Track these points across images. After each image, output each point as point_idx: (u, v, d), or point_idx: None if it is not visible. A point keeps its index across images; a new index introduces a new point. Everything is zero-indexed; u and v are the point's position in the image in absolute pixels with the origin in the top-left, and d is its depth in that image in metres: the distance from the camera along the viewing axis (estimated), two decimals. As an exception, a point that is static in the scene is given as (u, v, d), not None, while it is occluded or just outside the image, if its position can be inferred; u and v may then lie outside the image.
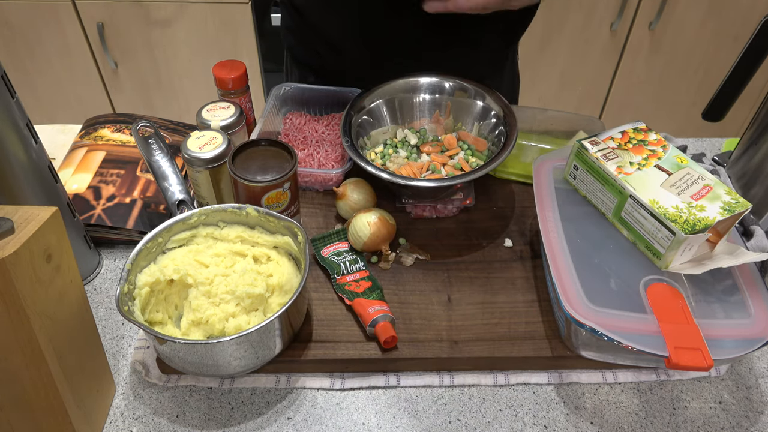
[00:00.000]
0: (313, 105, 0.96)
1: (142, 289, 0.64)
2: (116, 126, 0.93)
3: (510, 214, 0.84)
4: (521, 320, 0.70)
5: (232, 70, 0.87)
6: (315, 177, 0.85)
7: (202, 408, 0.65)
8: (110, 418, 0.64)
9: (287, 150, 0.74)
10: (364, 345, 0.67)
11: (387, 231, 0.75)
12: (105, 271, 0.79)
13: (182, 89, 1.96)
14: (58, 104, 1.99)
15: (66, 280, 0.55)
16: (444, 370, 0.68)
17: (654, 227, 0.65)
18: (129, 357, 0.69)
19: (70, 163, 0.86)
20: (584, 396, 0.66)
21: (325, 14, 0.92)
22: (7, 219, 0.49)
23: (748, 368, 0.69)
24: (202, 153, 0.74)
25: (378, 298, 0.70)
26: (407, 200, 0.83)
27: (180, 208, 0.76)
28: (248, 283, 0.65)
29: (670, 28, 1.84)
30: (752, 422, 0.64)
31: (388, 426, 0.64)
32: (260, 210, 0.69)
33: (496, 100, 0.85)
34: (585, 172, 0.73)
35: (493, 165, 0.76)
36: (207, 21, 1.79)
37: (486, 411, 0.65)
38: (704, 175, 0.69)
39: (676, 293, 0.64)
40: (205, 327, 0.64)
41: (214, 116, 0.83)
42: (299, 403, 0.66)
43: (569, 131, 0.89)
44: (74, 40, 1.82)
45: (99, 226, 0.79)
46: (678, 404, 0.66)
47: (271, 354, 0.64)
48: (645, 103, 2.03)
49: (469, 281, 0.75)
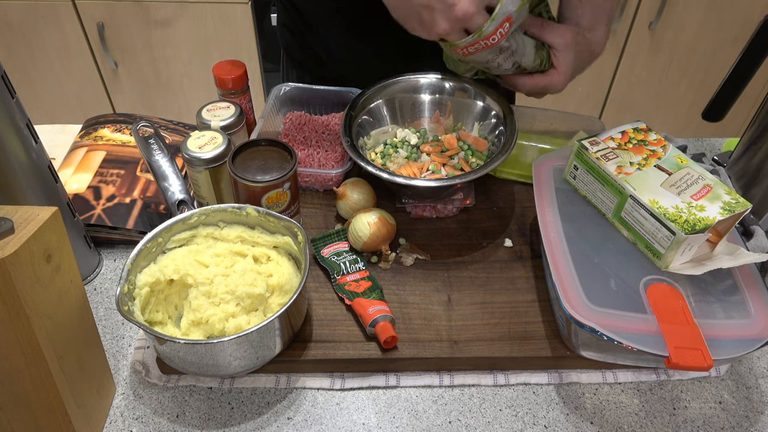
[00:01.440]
0: (313, 105, 0.96)
1: (142, 289, 0.64)
2: (116, 126, 0.93)
3: (510, 214, 0.84)
4: (521, 320, 0.70)
5: (232, 70, 0.87)
6: (315, 177, 0.85)
7: (202, 408, 0.65)
8: (110, 418, 0.64)
9: (287, 150, 0.74)
10: (364, 345, 0.67)
11: (387, 231, 0.75)
12: (105, 271, 0.79)
13: (182, 89, 1.96)
14: (58, 104, 1.99)
15: (66, 280, 0.55)
16: (444, 370, 0.68)
17: (654, 227, 0.65)
18: (129, 357, 0.69)
19: (70, 163, 0.86)
20: (584, 396, 0.66)
21: (323, 12, 0.92)
22: (7, 219, 0.49)
23: (748, 368, 0.69)
24: (202, 153, 0.74)
25: (378, 298, 0.70)
26: (407, 200, 0.83)
27: (180, 208, 0.76)
28: (248, 283, 0.65)
29: (670, 28, 1.84)
30: (752, 422, 0.64)
31: (388, 426, 0.64)
32: (260, 210, 0.69)
33: (497, 101, 0.85)
34: (585, 172, 0.73)
35: (494, 165, 0.76)
36: (207, 21, 1.79)
37: (486, 411, 0.65)
38: (704, 175, 0.69)
39: (676, 293, 0.64)
40: (205, 327, 0.64)
41: (214, 116, 0.83)
42: (299, 403, 0.66)
43: (569, 131, 0.89)
44: (74, 40, 1.82)
45: (99, 226, 0.79)
46: (678, 404, 0.66)
47: (271, 354, 0.64)
48: (645, 103, 2.03)
49: (469, 281, 0.75)
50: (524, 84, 0.77)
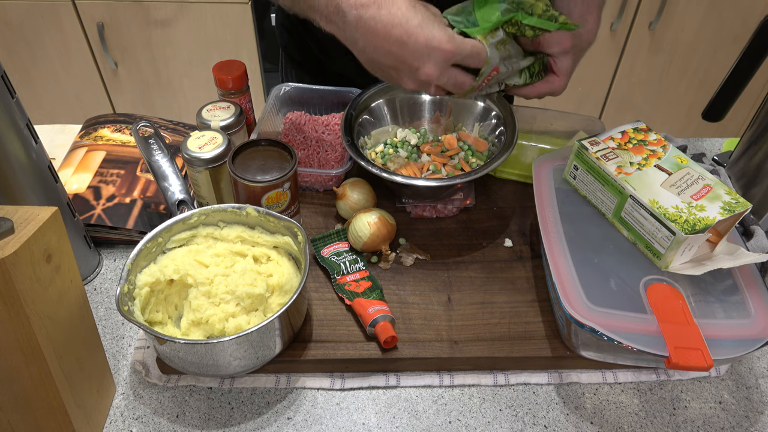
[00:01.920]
0: (313, 105, 0.96)
1: (142, 289, 0.64)
2: (116, 126, 0.93)
3: (510, 214, 0.84)
4: (521, 320, 0.70)
5: (232, 70, 0.87)
6: (315, 177, 0.85)
7: (202, 408, 0.65)
8: (110, 418, 0.64)
9: (287, 150, 0.74)
10: (364, 345, 0.67)
11: (387, 231, 0.75)
12: (105, 271, 0.79)
13: (182, 89, 1.96)
14: (58, 104, 1.99)
15: (66, 280, 0.55)
16: (444, 370, 0.68)
17: (654, 227, 0.65)
18: (129, 357, 0.69)
19: (70, 163, 0.86)
20: (584, 396, 0.66)
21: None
22: (7, 219, 0.49)
23: (748, 368, 0.69)
24: (202, 153, 0.74)
25: (378, 298, 0.70)
26: (407, 200, 0.83)
27: (180, 208, 0.76)
28: (248, 283, 0.65)
29: (670, 28, 1.84)
30: (752, 422, 0.64)
31: (388, 426, 0.64)
32: (260, 210, 0.69)
33: (497, 101, 0.85)
34: (585, 172, 0.73)
35: (494, 165, 0.76)
36: (207, 21, 1.79)
37: (486, 411, 0.65)
38: (704, 175, 0.69)
39: (676, 293, 0.64)
40: (205, 327, 0.64)
41: (214, 116, 0.83)
42: (299, 403, 0.66)
43: (569, 131, 0.89)
44: (74, 40, 1.82)
45: (99, 226, 0.79)
46: (678, 404, 0.66)
47: (271, 354, 0.64)
48: (645, 103, 2.03)
49: (469, 281, 0.75)
50: (527, 94, 0.77)
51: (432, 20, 0.62)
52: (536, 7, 0.67)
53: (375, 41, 0.62)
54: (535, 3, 0.67)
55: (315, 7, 0.64)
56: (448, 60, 0.63)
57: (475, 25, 0.66)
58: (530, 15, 0.66)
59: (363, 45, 0.63)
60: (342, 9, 0.62)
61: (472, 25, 0.66)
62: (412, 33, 0.60)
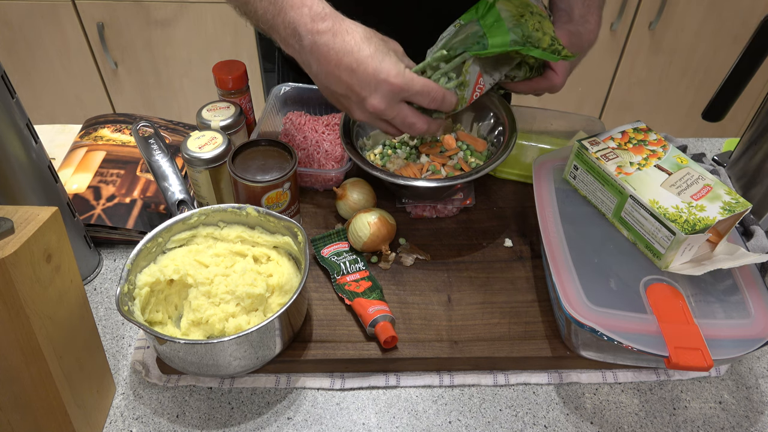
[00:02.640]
0: (313, 105, 0.96)
1: (142, 289, 0.64)
2: (116, 126, 0.93)
3: (510, 214, 0.84)
4: (521, 320, 0.70)
5: (232, 70, 0.87)
6: (315, 177, 0.85)
7: (202, 408, 0.65)
8: (110, 418, 0.64)
9: (287, 150, 0.74)
10: (364, 345, 0.67)
11: (387, 231, 0.75)
12: (105, 271, 0.79)
13: (182, 89, 1.96)
14: (58, 104, 1.99)
15: (66, 280, 0.55)
16: (444, 370, 0.68)
17: (654, 227, 0.65)
18: (129, 357, 0.69)
19: (70, 163, 0.86)
20: (584, 396, 0.66)
21: None
22: (7, 219, 0.49)
23: (748, 368, 0.69)
24: (202, 153, 0.74)
25: (378, 298, 0.70)
26: (407, 200, 0.83)
27: (180, 208, 0.76)
28: (248, 283, 0.65)
29: (670, 28, 1.84)
30: (752, 422, 0.64)
31: (388, 426, 0.64)
32: (260, 210, 0.69)
33: (496, 100, 0.85)
34: (585, 172, 0.73)
35: (494, 165, 0.76)
36: (207, 21, 1.79)
37: (486, 411, 0.65)
38: (704, 175, 0.69)
39: (676, 293, 0.64)
40: (205, 327, 0.64)
41: (214, 116, 0.83)
42: (299, 403, 0.66)
43: (569, 131, 0.89)
44: (74, 40, 1.82)
45: (99, 226, 0.79)
46: (678, 404, 0.66)
47: (271, 354, 0.64)
48: (645, 103, 2.03)
49: (469, 281, 0.75)
50: (524, 89, 0.78)
51: (385, 53, 0.62)
52: (543, 41, 0.69)
53: (327, 67, 0.62)
54: (542, 38, 0.69)
55: (275, 28, 0.65)
56: (396, 94, 0.63)
57: (485, 47, 0.67)
58: (536, 48, 0.68)
59: (316, 70, 0.64)
60: (299, 33, 0.62)
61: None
62: (362, 62, 0.61)
